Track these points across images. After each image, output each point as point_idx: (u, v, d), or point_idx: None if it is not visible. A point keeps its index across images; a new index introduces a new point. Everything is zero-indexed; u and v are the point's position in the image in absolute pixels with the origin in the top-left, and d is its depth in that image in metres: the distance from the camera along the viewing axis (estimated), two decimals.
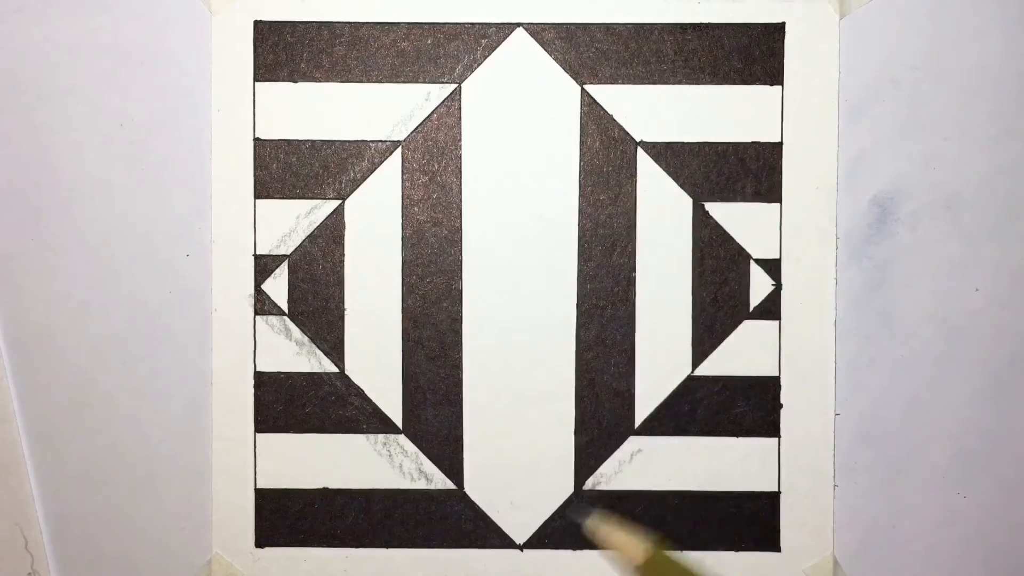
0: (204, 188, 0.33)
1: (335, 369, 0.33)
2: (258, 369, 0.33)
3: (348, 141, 0.32)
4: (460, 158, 0.33)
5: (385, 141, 0.32)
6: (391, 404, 0.33)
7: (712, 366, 0.33)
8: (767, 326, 0.33)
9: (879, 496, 0.33)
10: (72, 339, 0.33)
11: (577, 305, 0.33)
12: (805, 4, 0.32)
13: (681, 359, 0.33)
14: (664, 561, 0.25)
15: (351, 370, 0.33)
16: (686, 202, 0.33)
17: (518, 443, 0.33)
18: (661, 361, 0.33)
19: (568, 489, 0.33)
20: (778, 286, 0.33)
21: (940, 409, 0.33)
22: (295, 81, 0.32)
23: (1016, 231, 0.32)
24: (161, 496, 0.33)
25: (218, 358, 0.33)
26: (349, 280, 0.33)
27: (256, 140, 0.32)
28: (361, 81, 0.32)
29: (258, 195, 0.33)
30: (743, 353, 0.33)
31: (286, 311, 0.33)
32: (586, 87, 0.32)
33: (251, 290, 0.33)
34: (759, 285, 0.33)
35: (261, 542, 0.33)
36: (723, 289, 0.33)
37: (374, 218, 0.33)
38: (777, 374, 0.33)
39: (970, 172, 0.32)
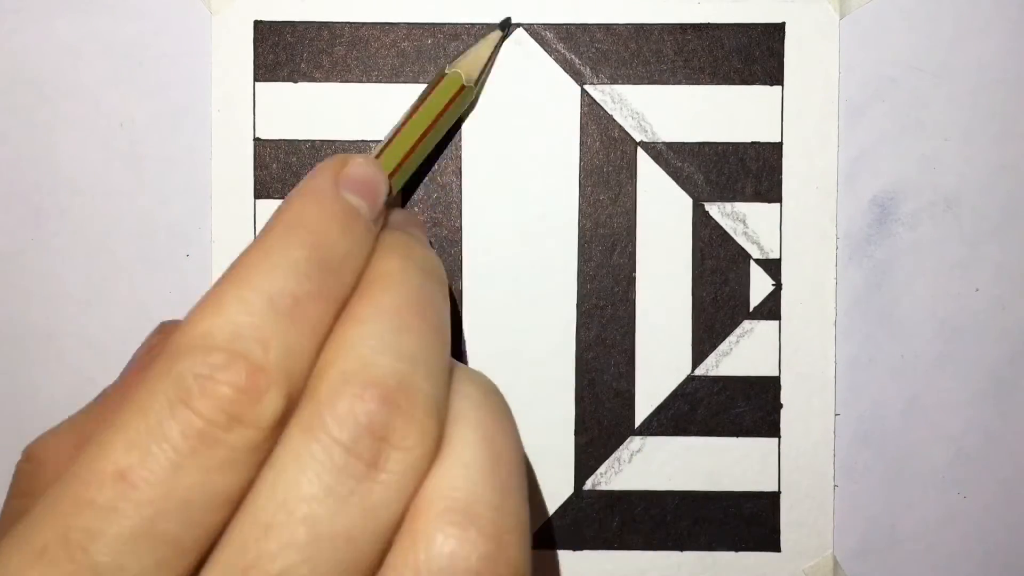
0: (204, 188, 0.33)
1: None
2: None
3: (348, 141, 0.32)
4: (460, 158, 0.33)
5: None
6: None
7: (712, 366, 0.33)
8: (767, 326, 0.33)
9: (879, 496, 0.33)
10: (72, 339, 0.33)
11: (577, 305, 0.33)
12: (805, 4, 0.32)
13: (681, 359, 0.33)
14: None
15: None
16: (686, 202, 0.33)
17: None
18: (661, 361, 0.33)
19: (568, 489, 0.33)
20: (778, 286, 0.33)
21: (940, 409, 0.33)
22: (295, 81, 0.32)
23: (1016, 231, 0.32)
24: None
25: None
26: None
27: (256, 140, 0.32)
28: (361, 81, 0.32)
29: (258, 195, 0.33)
30: (743, 353, 0.33)
31: None
32: (586, 87, 0.32)
33: None
34: (759, 285, 0.33)
35: None
36: (723, 289, 0.33)
37: None
38: (777, 374, 0.33)
39: (970, 172, 0.32)
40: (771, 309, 0.33)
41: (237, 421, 0.17)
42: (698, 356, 0.33)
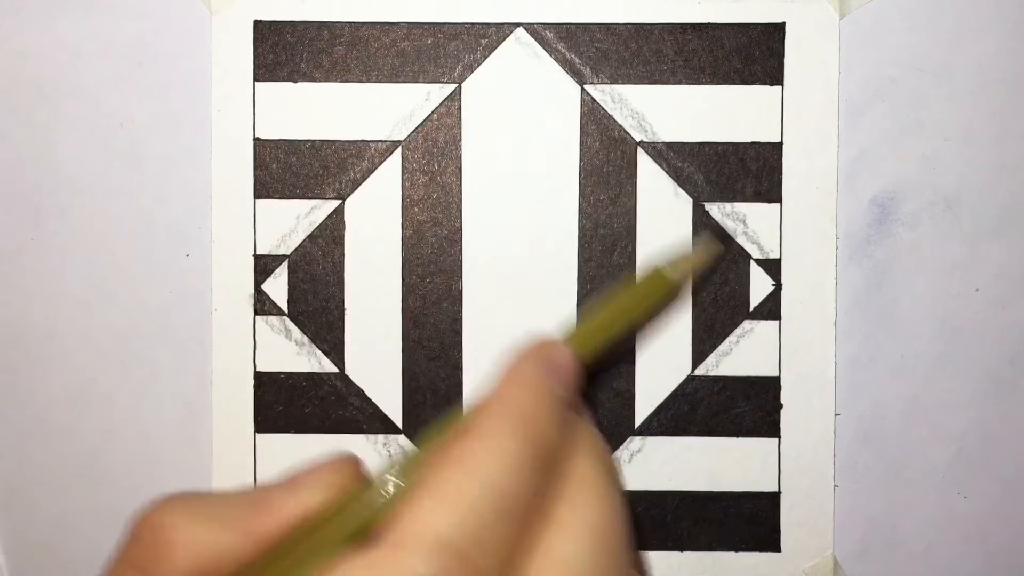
0: (204, 188, 0.33)
1: (335, 369, 0.33)
2: (258, 369, 0.33)
3: (348, 141, 0.32)
4: (460, 158, 0.33)
5: (385, 141, 0.32)
6: (391, 404, 0.33)
7: (712, 366, 0.33)
8: (767, 326, 0.33)
9: (879, 496, 0.33)
10: (72, 339, 0.33)
11: (577, 305, 0.33)
12: (805, 4, 0.32)
13: (681, 359, 0.33)
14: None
15: (351, 370, 0.33)
16: (686, 202, 0.33)
17: None
18: (661, 361, 0.33)
19: None
20: (778, 286, 0.33)
21: (940, 409, 0.33)
22: (295, 81, 0.32)
23: (1016, 231, 0.32)
24: None
25: (218, 358, 0.33)
26: (349, 280, 0.33)
27: (256, 140, 0.32)
28: (361, 81, 0.32)
29: (258, 195, 0.33)
30: (743, 353, 0.33)
31: (286, 311, 0.33)
32: (586, 87, 0.32)
33: (251, 290, 0.33)
34: (759, 285, 0.33)
35: None
36: (723, 289, 0.33)
37: (374, 218, 0.33)
38: (777, 374, 0.33)
39: (970, 172, 0.32)
40: (771, 309, 0.33)
41: None
42: (698, 356, 0.33)
